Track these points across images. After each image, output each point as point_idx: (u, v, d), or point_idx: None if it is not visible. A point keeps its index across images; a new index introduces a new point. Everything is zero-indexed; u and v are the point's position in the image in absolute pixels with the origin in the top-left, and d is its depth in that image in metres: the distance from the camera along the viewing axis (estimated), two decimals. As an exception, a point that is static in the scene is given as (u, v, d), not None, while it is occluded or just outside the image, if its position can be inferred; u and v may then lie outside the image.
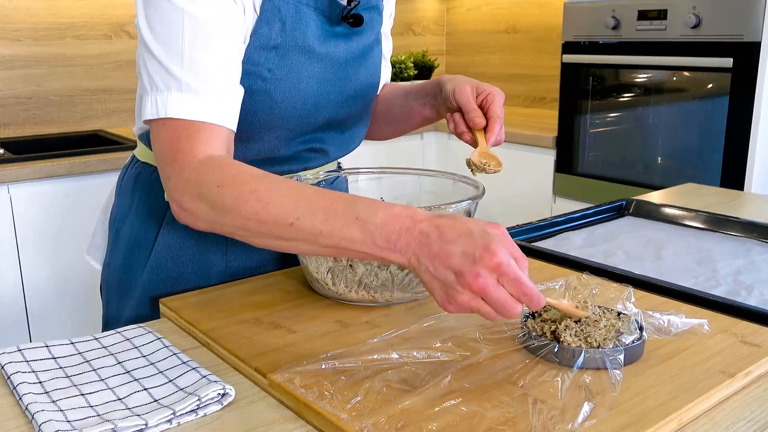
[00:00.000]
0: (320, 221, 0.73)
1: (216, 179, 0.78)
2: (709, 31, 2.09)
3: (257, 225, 0.76)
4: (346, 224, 0.72)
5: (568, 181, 2.56)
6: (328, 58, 0.97)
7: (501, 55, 3.41)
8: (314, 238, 0.73)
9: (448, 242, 0.67)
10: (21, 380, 0.71)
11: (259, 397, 0.71)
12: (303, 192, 0.75)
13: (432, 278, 0.68)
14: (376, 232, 0.71)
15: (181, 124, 0.82)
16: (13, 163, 2.03)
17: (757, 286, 0.98)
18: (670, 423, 0.63)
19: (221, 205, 0.77)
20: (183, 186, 0.80)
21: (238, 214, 0.76)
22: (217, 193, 0.77)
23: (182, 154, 0.81)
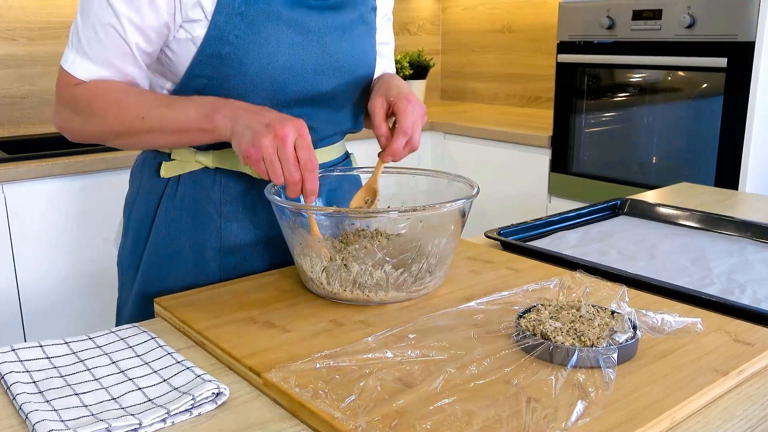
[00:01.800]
0: (164, 109, 0.91)
1: (86, 95, 0.95)
2: (703, 31, 2.10)
3: (119, 125, 0.94)
4: (183, 107, 0.91)
5: (563, 181, 2.56)
6: (298, 25, 0.98)
7: (496, 54, 3.42)
8: (161, 124, 0.91)
9: (265, 111, 0.88)
10: (15, 380, 0.71)
11: (254, 396, 0.71)
12: (152, 94, 0.95)
13: (245, 128, 0.86)
14: (207, 106, 0.89)
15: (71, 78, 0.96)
16: (7, 163, 2.03)
17: (751, 285, 0.98)
18: (663, 421, 0.63)
19: (92, 115, 0.94)
20: (62, 108, 0.98)
21: (105, 119, 0.94)
22: (87, 105, 0.95)
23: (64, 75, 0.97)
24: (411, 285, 0.89)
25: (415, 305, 0.90)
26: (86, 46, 0.94)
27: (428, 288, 0.92)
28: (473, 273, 1.01)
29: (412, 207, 0.88)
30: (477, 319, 0.83)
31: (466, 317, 0.85)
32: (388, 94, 1.01)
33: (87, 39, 0.94)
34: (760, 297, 0.94)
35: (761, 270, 1.05)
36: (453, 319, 0.84)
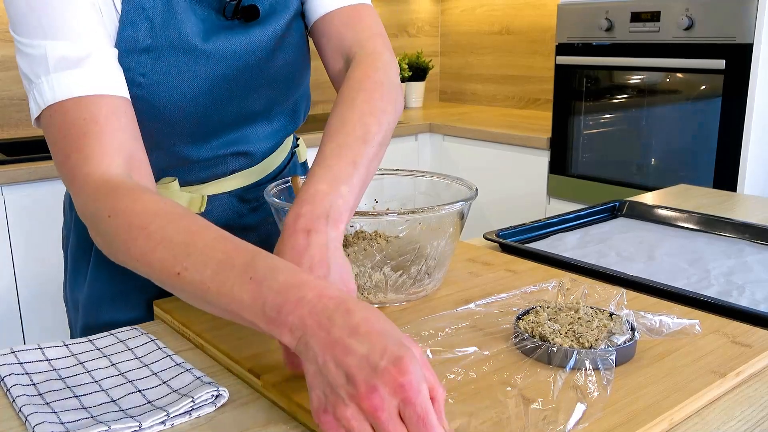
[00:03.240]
0: (209, 276, 0.60)
1: (107, 208, 0.67)
2: (701, 33, 2.10)
3: (146, 268, 0.64)
4: (237, 283, 0.58)
5: (562, 183, 2.57)
6: (219, 55, 0.86)
7: (495, 56, 3.42)
8: (201, 294, 0.61)
9: (353, 334, 0.53)
10: (15, 382, 0.71)
11: (253, 398, 0.71)
12: (201, 235, 0.63)
13: (316, 373, 0.54)
14: (269, 298, 0.57)
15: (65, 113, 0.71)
16: (6, 165, 2.03)
17: (749, 287, 0.99)
18: (661, 423, 0.64)
19: (112, 239, 0.67)
20: (82, 212, 0.71)
21: (126, 252, 0.66)
22: (108, 225, 0.67)
23: (74, 170, 0.71)
24: (410, 287, 0.90)
25: (414, 307, 0.90)
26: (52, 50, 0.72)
27: (427, 290, 0.93)
28: (472, 275, 1.01)
29: (411, 209, 0.88)
30: (476, 321, 0.84)
31: (465, 319, 0.85)
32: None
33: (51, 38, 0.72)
34: (759, 298, 0.95)
35: (759, 271, 1.05)
36: (452, 321, 0.84)
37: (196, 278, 0.61)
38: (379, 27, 0.96)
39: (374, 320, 0.54)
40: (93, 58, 0.73)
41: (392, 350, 0.51)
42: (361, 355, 0.51)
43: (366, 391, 0.50)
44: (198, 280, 0.61)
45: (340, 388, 0.52)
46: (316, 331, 0.54)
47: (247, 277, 0.58)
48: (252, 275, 0.58)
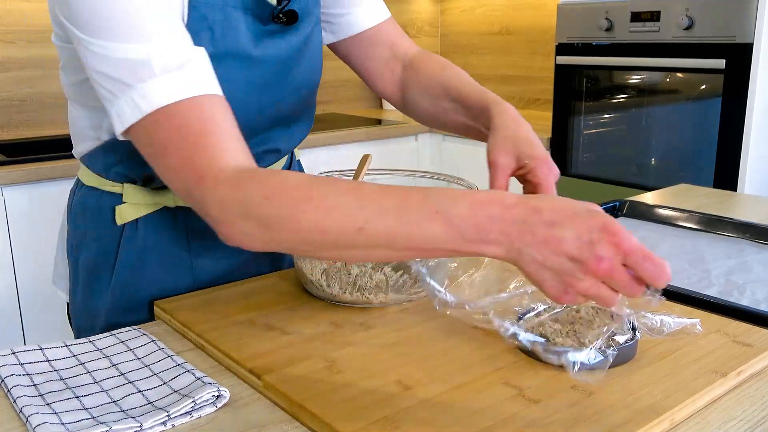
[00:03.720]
0: (393, 221, 0.62)
1: (260, 191, 0.66)
2: (701, 33, 2.10)
3: (320, 236, 0.64)
4: (425, 219, 0.61)
5: (562, 182, 2.55)
6: (267, 60, 0.90)
7: (495, 56, 3.42)
8: (389, 242, 0.63)
9: (555, 225, 0.59)
10: (15, 383, 0.71)
11: (254, 398, 0.71)
12: (365, 190, 0.65)
13: (540, 268, 0.60)
14: (462, 224, 0.61)
15: (177, 115, 0.71)
16: (7, 166, 2.03)
17: (749, 287, 0.99)
18: (662, 422, 0.64)
19: (274, 220, 0.66)
20: (222, 209, 0.68)
21: (296, 228, 0.65)
22: (266, 206, 0.66)
23: (203, 168, 0.69)
24: (411, 287, 0.90)
25: (415, 307, 0.90)
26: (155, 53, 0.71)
27: (428, 290, 0.93)
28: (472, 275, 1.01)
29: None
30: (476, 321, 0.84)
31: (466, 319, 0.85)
32: (520, 153, 0.85)
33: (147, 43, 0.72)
34: (759, 298, 0.95)
35: (760, 271, 1.05)
36: (452, 321, 0.84)
37: (380, 228, 0.63)
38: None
39: (559, 206, 0.61)
40: (194, 61, 0.74)
41: (592, 222, 0.59)
42: (572, 238, 0.58)
43: (595, 262, 0.58)
44: (382, 228, 0.63)
45: (571, 270, 0.59)
46: (522, 237, 0.60)
47: (432, 212, 0.61)
48: (436, 209, 0.62)
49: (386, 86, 1.10)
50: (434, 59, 1.07)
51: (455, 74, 1.03)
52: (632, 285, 0.59)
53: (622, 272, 0.59)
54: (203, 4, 0.83)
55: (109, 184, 0.97)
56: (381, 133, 2.81)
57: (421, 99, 1.06)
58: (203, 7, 0.83)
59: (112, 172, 0.95)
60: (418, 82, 1.06)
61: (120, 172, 0.94)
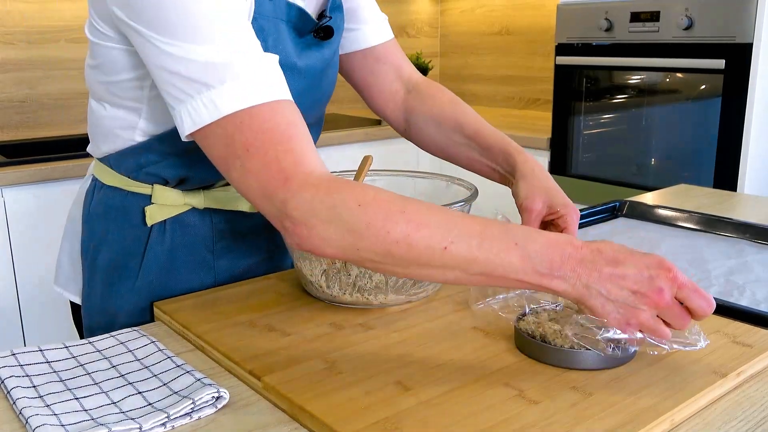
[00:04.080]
0: (476, 246, 0.67)
1: (354, 198, 0.69)
2: (701, 33, 2.10)
3: (406, 249, 0.67)
4: (504, 249, 0.67)
5: (562, 183, 2.55)
6: (307, 71, 0.94)
7: (494, 56, 3.42)
8: (467, 265, 0.68)
9: (618, 264, 0.68)
10: (15, 384, 0.71)
11: (254, 399, 0.71)
12: (454, 214, 0.70)
13: (606, 301, 0.68)
14: (536, 258, 0.67)
15: (259, 117, 0.72)
16: (7, 167, 2.03)
17: (749, 287, 0.98)
18: (663, 423, 0.64)
19: (364, 227, 0.68)
20: (309, 210, 0.69)
21: (384, 237, 0.67)
22: (358, 213, 0.68)
23: (290, 169, 0.71)
24: (410, 288, 0.90)
25: (415, 308, 0.90)
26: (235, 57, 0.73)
27: (428, 291, 0.93)
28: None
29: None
30: (476, 322, 0.84)
31: (466, 320, 0.85)
32: (552, 202, 0.91)
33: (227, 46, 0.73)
34: (759, 298, 0.94)
35: (760, 271, 1.05)
36: (452, 322, 0.84)
37: (463, 249, 0.67)
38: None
39: (618, 248, 0.69)
40: (270, 66, 0.76)
41: (649, 260, 0.68)
42: (633, 274, 0.67)
43: (655, 293, 0.66)
44: (465, 251, 0.67)
45: (633, 302, 0.67)
46: (589, 274, 0.67)
47: (512, 243, 0.68)
48: (515, 241, 0.68)
49: (387, 106, 1.13)
50: (443, 91, 1.11)
51: (468, 111, 1.07)
52: (684, 316, 0.68)
53: (677, 304, 0.68)
54: (262, 16, 0.86)
55: (136, 184, 0.96)
56: (381, 133, 2.81)
57: (428, 127, 1.09)
58: (262, 18, 0.86)
59: (143, 172, 0.95)
60: (426, 110, 1.09)
61: (152, 172, 0.94)
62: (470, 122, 1.06)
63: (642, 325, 0.68)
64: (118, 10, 0.77)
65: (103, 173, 1.00)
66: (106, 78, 0.90)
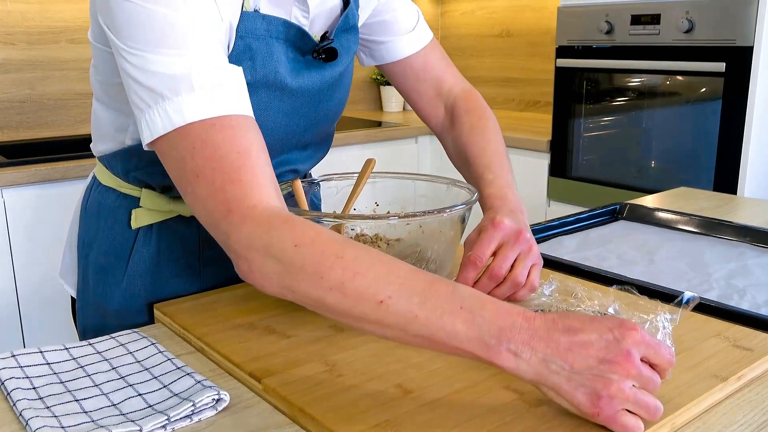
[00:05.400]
0: (416, 303, 0.61)
1: (291, 237, 0.66)
2: (702, 36, 2.10)
3: (339, 298, 0.63)
4: (448, 312, 0.60)
5: (562, 185, 2.57)
6: (301, 91, 0.93)
7: (495, 59, 3.42)
8: (405, 324, 0.61)
9: (577, 332, 0.60)
10: (15, 386, 0.71)
11: (254, 402, 0.71)
12: (396, 265, 0.64)
13: (570, 377, 0.59)
14: (484, 326, 0.60)
15: (209, 141, 0.70)
16: (6, 167, 2.03)
17: (750, 290, 0.98)
18: (663, 427, 0.63)
19: (299, 269, 0.65)
20: (249, 243, 0.67)
21: (318, 282, 0.64)
22: (293, 253, 0.65)
23: (233, 201, 0.69)
24: (411, 290, 0.89)
25: (415, 310, 0.89)
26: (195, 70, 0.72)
27: (428, 293, 0.92)
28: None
29: (412, 212, 0.88)
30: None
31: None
32: (501, 236, 0.84)
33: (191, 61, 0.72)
34: (760, 302, 0.94)
35: (760, 275, 1.05)
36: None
37: (402, 307, 0.61)
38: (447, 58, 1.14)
39: (574, 316, 0.62)
40: (231, 80, 0.74)
41: (610, 323, 0.61)
42: (595, 340, 0.59)
43: (624, 358, 0.58)
44: (405, 308, 0.61)
45: (599, 372, 0.59)
46: (546, 347, 0.59)
47: (457, 306, 0.61)
48: (461, 304, 0.61)
49: (431, 120, 1.14)
50: (470, 112, 1.07)
51: (477, 141, 1.02)
52: (655, 378, 0.61)
53: (647, 368, 0.60)
54: (250, 35, 0.85)
55: (128, 186, 0.98)
56: (381, 135, 2.81)
57: (454, 154, 1.09)
58: (249, 37, 0.85)
59: (131, 176, 0.96)
60: (452, 135, 1.09)
61: (139, 177, 0.95)
62: (474, 153, 1.01)
63: (616, 400, 0.59)
64: (100, 16, 0.78)
65: (101, 172, 1.02)
66: (102, 79, 0.92)
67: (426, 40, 1.11)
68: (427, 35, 1.11)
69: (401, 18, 1.08)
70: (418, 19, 1.10)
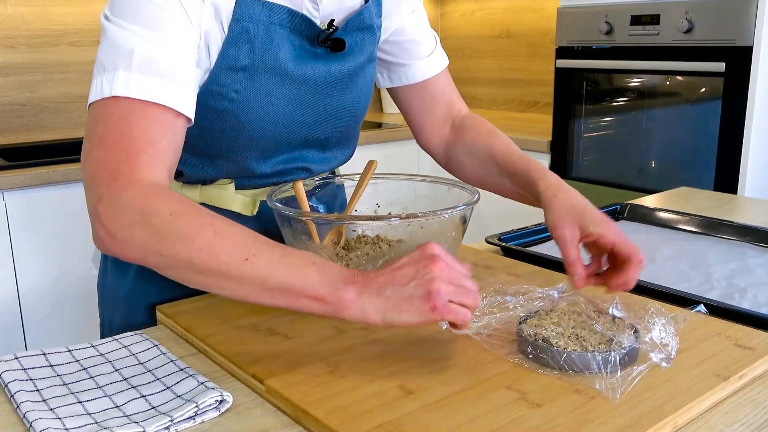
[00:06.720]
0: (277, 260, 0.70)
1: (168, 207, 0.72)
2: (701, 36, 2.10)
3: (207, 258, 0.70)
4: (303, 265, 0.71)
5: (563, 186, 2.57)
6: (304, 80, 0.94)
7: (495, 59, 3.42)
8: (266, 277, 0.70)
9: (393, 265, 0.72)
10: (18, 388, 0.71)
11: (257, 403, 0.71)
12: (260, 236, 0.73)
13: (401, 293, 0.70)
14: (333, 275, 0.71)
15: (126, 120, 0.75)
16: (7, 170, 2.03)
17: (751, 290, 0.99)
18: (665, 427, 0.64)
19: (171, 234, 0.71)
20: (119, 210, 0.72)
21: (189, 244, 0.70)
22: (168, 220, 0.71)
23: (122, 173, 0.74)
24: (412, 291, 0.89)
25: (417, 311, 0.90)
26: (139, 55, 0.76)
27: (429, 294, 0.92)
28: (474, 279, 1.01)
29: (413, 213, 0.89)
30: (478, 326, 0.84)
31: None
32: (582, 224, 0.86)
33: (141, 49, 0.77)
34: (761, 301, 0.95)
35: (761, 274, 1.05)
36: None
37: (263, 263, 0.70)
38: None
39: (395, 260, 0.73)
40: (177, 76, 0.79)
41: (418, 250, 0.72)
42: (406, 262, 0.72)
43: (431, 260, 0.71)
44: (266, 264, 0.70)
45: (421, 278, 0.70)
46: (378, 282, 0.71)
47: (310, 262, 0.71)
48: (313, 261, 0.72)
49: (434, 140, 1.16)
50: (481, 123, 1.12)
51: (501, 140, 1.07)
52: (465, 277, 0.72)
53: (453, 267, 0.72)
54: (248, 18, 0.87)
55: None
56: (381, 136, 2.81)
57: (466, 159, 1.10)
58: (247, 21, 0.87)
59: None
60: (464, 142, 1.10)
61: None
62: (501, 151, 1.05)
63: (441, 289, 0.69)
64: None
65: None
66: None
67: (444, 64, 1.14)
68: (444, 60, 1.15)
69: (422, 41, 1.11)
70: (436, 44, 1.14)
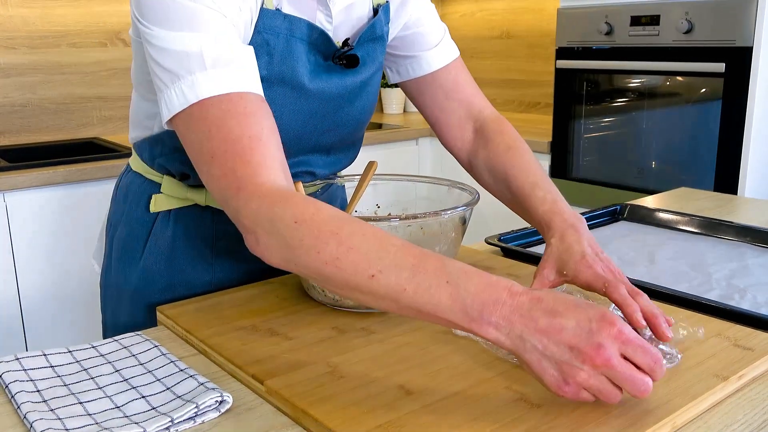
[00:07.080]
0: (405, 278, 0.64)
1: (291, 214, 0.69)
2: (701, 37, 2.10)
3: (334, 271, 0.67)
4: (434, 285, 0.64)
5: (563, 186, 2.57)
6: (319, 94, 0.94)
7: (495, 60, 3.43)
8: (395, 296, 0.65)
9: (557, 315, 0.61)
10: (19, 389, 0.71)
11: (257, 403, 0.72)
12: (389, 241, 0.67)
13: (541, 357, 0.61)
14: (468, 299, 0.63)
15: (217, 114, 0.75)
16: (8, 171, 2.03)
17: (750, 290, 0.99)
18: (664, 427, 0.64)
19: (298, 244, 0.68)
20: (255, 218, 0.71)
21: (315, 257, 0.67)
22: (293, 229, 0.69)
23: (243, 180, 0.73)
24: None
25: (417, 312, 0.90)
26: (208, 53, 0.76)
27: (429, 295, 0.92)
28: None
29: (413, 214, 0.89)
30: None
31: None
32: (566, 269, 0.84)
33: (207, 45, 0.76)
34: (760, 302, 0.95)
35: (761, 275, 1.05)
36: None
37: (391, 280, 0.65)
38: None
39: (561, 297, 0.63)
40: (243, 59, 0.78)
41: (593, 312, 0.61)
42: (572, 327, 0.60)
43: (593, 350, 0.59)
44: (394, 282, 0.65)
45: (569, 360, 0.60)
46: (524, 324, 0.62)
47: (443, 280, 0.64)
48: (447, 279, 0.64)
49: (456, 143, 1.11)
50: (503, 133, 1.05)
51: (518, 162, 1.00)
52: (635, 377, 0.61)
53: (623, 363, 0.60)
54: (268, 31, 0.87)
55: (152, 173, 1.03)
56: (382, 137, 2.81)
57: (484, 174, 1.06)
58: (268, 33, 0.87)
59: (156, 162, 1.01)
60: (484, 155, 1.05)
61: (162, 164, 1.00)
62: (516, 175, 0.98)
63: (581, 386, 0.61)
64: (133, 7, 0.83)
65: (133, 158, 1.08)
66: (137, 70, 0.96)
67: (453, 54, 1.09)
68: (453, 50, 1.10)
69: (428, 33, 1.08)
70: (444, 35, 1.10)
